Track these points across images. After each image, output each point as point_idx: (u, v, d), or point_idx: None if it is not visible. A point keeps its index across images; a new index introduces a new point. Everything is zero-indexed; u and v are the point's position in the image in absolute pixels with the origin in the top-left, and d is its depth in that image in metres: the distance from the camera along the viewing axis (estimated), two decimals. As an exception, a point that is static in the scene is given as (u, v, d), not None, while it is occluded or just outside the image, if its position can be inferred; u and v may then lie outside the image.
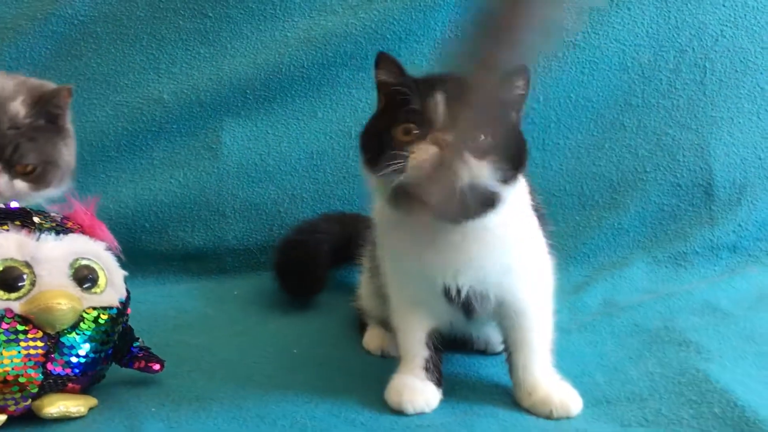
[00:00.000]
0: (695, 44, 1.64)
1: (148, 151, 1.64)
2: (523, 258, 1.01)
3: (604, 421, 0.98)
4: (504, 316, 1.03)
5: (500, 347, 1.13)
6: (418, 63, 1.65)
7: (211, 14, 1.64)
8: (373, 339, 1.23)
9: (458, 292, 0.99)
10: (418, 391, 1.01)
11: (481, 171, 0.90)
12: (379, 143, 0.93)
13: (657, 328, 1.28)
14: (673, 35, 1.64)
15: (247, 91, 1.64)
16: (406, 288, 1.04)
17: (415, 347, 1.03)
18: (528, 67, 0.93)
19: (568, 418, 0.99)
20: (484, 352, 1.20)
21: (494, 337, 1.16)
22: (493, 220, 0.95)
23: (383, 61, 0.98)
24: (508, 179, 0.93)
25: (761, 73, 1.64)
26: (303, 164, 1.65)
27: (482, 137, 0.91)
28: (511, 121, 0.97)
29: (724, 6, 1.64)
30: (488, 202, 0.93)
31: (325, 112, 1.66)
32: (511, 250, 1.00)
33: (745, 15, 1.64)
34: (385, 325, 1.22)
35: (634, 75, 1.64)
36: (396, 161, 0.90)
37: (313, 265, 1.42)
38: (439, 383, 1.03)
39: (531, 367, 1.02)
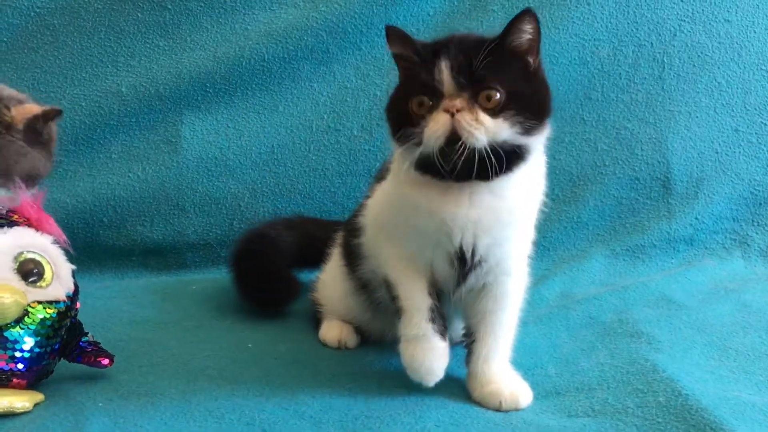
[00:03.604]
0: (654, 39, 1.66)
1: (106, 145, 1.62)
2: (524, 231, 1.01)
3: (552, 412, 0.98)
4: (483, 296, 1.03)
5: (460, 338, 1.13)
6: (379, 57, 1.66)
7: (170, 6, 1.63)
8: (330, 330, 1.22)
9: (473, 253, 0.98)
10: (433, 355, 1.00)
11: (499, 128, 0.90)
12: (398, 117, 0.95)
13: (611, 320, 1.30)
14: (632, 30, 1.66)
15: (207, 85, 1.63)
16: (411, 245, 1.01)
17: (419, 297, 1.01)
18: (533, 10, 0.93)
19: (516, 410, 0.99)
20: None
21: (456, 327, 1.16)
22: (519, 175, 0.95)
23: (391, 33, 0.97)
24: (531, 129, 0.92)
25: (718, 68, 1.66)
26: (263, 158, 1.64)
27: (496, 94, 0.91)
28: (527, 68, 0.95)
29: (682, 1, 1.66)
30: (516, 155, 0.92)
31: (285, 106, 1.65)
32: (525, 215, 0.99)
33: (702, 10, 1.66)
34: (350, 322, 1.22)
35: (594, 69, 1.65)
36: (413, 134, 0.92)
37: (278, 277, 1.35)
38: (444, 334, 1.01)
39: (490, 358, 1.03)
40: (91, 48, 1.62)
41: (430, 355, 1.00)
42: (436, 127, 0.91)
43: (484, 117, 0.90)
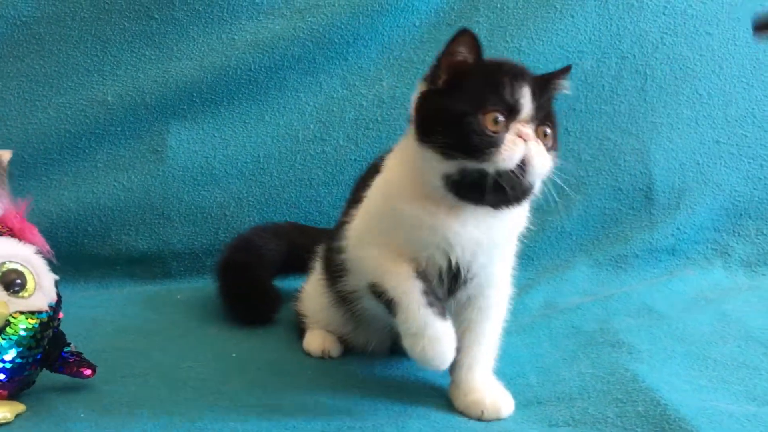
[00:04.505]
0: (636, 51, 1.68)
1: (92, 154, 1.62)
2: (512, 247, 1.04)
3: (533, 422, 0.99)
4: (467, 307, 1.03)
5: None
6: (365, 67, 1.67)
7: (156, 16, 1.63)
8: (313, 341, 1.22)
9: (467, 271, 0.98)
10: (443, 342, 0.95)
11: (550, 163, 0.93)
12: (456, 127, 0.91)
13: (593, 329, 1.31)
14: (615, 42, 1.68)
15: (194, 94, 1.63)
16: (406, 250, 0.98)
17: (410, 283, 0.96)
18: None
19: (498, 419, 1.00)
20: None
21: None
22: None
23: (466, 37, 0.93)
24: None
25: (700, 80, 1.69)
26: (249, 168, 1.64)
27: (549, 131, 0.94)
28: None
29: (664, 14, 1.68)
30: (531, 189, 0.96)
31: (272, 116, 1.66)
32: (515, 234, 1.03)
33: (684, 23, 1.69)
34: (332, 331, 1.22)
35: (578, 81, 1.67)
36: (488, 151, 0.89)
37: (261, 292, 1.36)
38: (443, 313, 0.96)
39: (474, 368, 1.03)
40: (77, 57, 1.62)
41: (440, 344, 0.95)
42: (514, 150, 0.90)
43: (544, 149, 0.92)
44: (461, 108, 0.91)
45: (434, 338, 0.95)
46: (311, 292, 1.25)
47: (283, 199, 1.64)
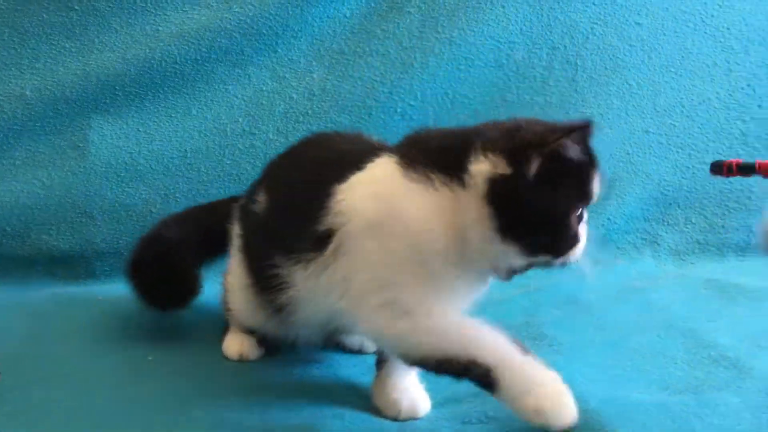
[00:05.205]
0: (567, 42, 1.68)
1: (9, 151, 1.56)
2: None
3: (447, 419, 0.98)
4: None
5: (373, 347, 1.13)
6: (295, 59, 1.64)
7: (77, 7, 1.58)
8: (231, 345, 1.20)
9: None
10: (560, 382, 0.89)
11: None
12: (552, 228, 0.85)
13: (519, 323, 1.30)
14: (546, 33, 1.67)
15: (116, 88, 1.58)
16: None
17: (496, 339, 0.91)
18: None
19: (414, 419, 0.99)
20: (359, 352, 1.21)
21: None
22: None
23: (587, 134, 0.86)
24: None
25: (629, 70, 1.69)
26: (176, 163, 1.60)
27: None
28: None
29: (594, 4, 1.69)
30: None
31: (199, 109, 1.61)
32: None
33: (614, 13, 1.69)
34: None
35: (509, 72, 1.67)
36: (571, 250, 0.86)
37: (180, 278, 1.27)
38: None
39: (409, 373, 1.01)
40: (-7, 50, 1.56)
41: (562, 385, 0.87)
42: (584, 243, 0.87)
43: None
44: (561, 209, 0.85)
45: (553, 383, 0.87)
46: (236, 285, 1.20)
47: (211, 195, 1.60)
